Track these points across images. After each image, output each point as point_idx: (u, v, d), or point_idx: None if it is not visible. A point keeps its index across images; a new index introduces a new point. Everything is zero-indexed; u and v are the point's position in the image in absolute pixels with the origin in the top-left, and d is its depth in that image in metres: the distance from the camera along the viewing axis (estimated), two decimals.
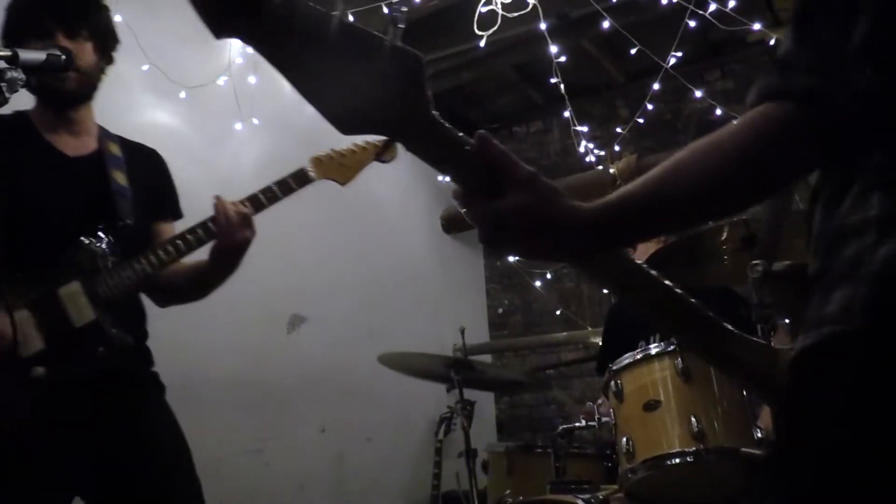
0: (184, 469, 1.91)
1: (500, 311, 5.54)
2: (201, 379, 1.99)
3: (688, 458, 2.09)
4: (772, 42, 3.89)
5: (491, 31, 3.44)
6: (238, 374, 3.42)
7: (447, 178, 3.09)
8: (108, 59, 1.98)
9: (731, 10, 3.68)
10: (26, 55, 1.65)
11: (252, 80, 3.78)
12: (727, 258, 2.19)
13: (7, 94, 1.62)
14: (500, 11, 3.28)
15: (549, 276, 5.10)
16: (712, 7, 3.67)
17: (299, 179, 1.99)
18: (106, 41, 1.95)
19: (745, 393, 2.27)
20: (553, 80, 3.91)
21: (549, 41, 3.74)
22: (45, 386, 1.73)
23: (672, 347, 2.25)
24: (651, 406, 2.19)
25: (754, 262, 1.91)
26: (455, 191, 0.85)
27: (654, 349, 2.32)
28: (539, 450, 2.94)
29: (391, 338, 4.33)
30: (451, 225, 5.16)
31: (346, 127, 0.75)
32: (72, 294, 1.78)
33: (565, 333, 4.97)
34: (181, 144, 3.27)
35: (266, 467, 3.54)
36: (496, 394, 5.38)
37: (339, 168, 2.06)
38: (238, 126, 3.67)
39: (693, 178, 0.85)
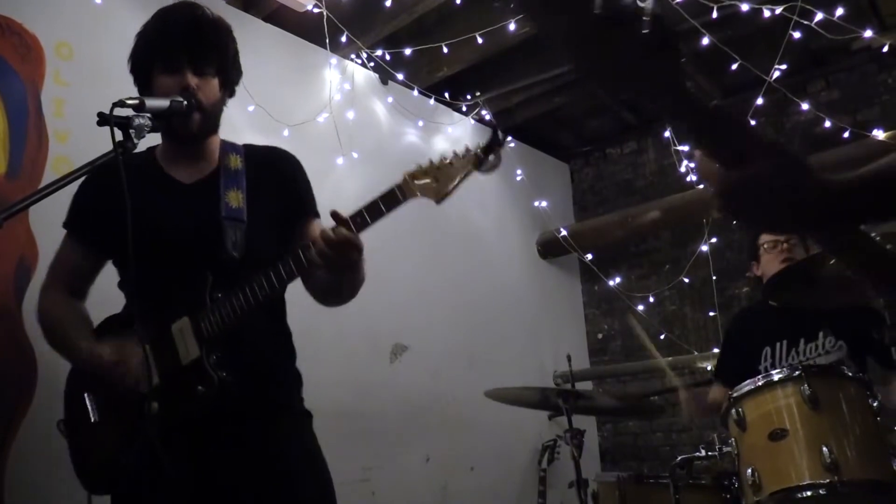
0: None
1: (600, 336, 5.44)
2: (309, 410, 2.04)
3: (821, 491, 1.97)
4: (884, 49, 3.71)
5: None
6: (343, 405, 3.46)
7: (543, 204, 3.06)
8: (231, 93, 1.99)
9: (838, 18, 3.53)
10: (152, 103, 1.73)
11: (350, 115, 3.87)
12: (854, 277, 2.07)
13: (135, 140, 1.70)
14: None
15: (651, 299, 4.98)
16: (817, 17, 3.53)
17: (389, 202, 1.75)
18: (230, 76, 1.95)
19: (878, 419, 2.14)
20: None
21: None
22: (160, 421, 1.68)
23: (797, 373, 2.14)
24: (777, 435, 2.09)
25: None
26: (699, 160, 0.88)
27: (776, 375, 2.21)
28: (652, 480, 2.84)
29: (491, 365, 4.31)
30: (548, 250, 5.11)
31: (608, 88, 0.85)
32: (181, 331, 1.76)
33: (670, 358, 4.80)
34: None
35: (372, 497, 3.55)
36: (599, 421, 5.26)
37: (434, 184, 1.74)
38: (339, 160, 3.76)
39: None
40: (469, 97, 4.43)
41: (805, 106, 4.25)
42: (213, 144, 1.99)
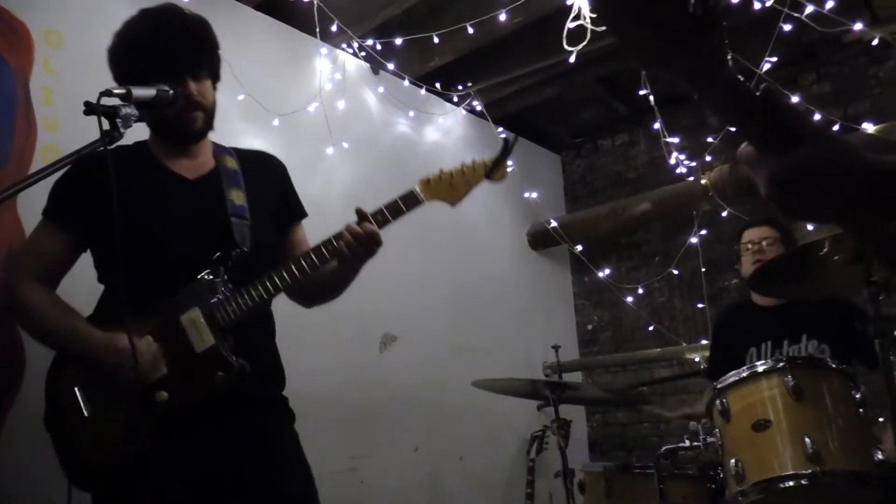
0: (306, 500, 1.90)
1: (590, 327, 5.46)
2: (297, 399, 2.04)
3: (802, 481, 2.00)
4: (875, 42, 3.71)
5: (581, 46, 3.41)
6: (333, 394, 3.47)
7: (534, 195, 3.10)
8: (217, 81, 2.04)
9: (829, 10, 3.54)
10: (138, 92, 1.73)
11: (341, 105, 3.87)
12: (839, 270, 2.09)
13: (122, 130, 1.70)
14: (589, 26, 3.25)
15: (640, 290, 5.00)
16: (808, 9, 3.53)
17: (408, 201, 1.94)
18: (218, 70, 2.02)
19: (861, 411, 2.16)
20: (642, 92, 3.84)
21: None
22: (169, 410, 1.75)
23: (781, 364, 2.17)
24: (760, 426, 2.11)
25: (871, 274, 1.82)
26: (742, 150, 0.80)
27: (761, 366, 2.23)
28: (638, 470, 2.87)
29: (481, 356, 4.33)
30: (539, 241, 5.12)
31: (647, 63, 0.75)
32: (192, 321, 1.80)
33: (658, 350, 4.84)
34: None
35: (361, 486, 3.57)
36: (588, 411, 5.29)
37: (449, 189, 1.99)
38: (329, 150, 3.75)
39: None
40: (460, 88, 4.42)
41: (796, 99, 4.27)
42: (206, 142, 2.04)
